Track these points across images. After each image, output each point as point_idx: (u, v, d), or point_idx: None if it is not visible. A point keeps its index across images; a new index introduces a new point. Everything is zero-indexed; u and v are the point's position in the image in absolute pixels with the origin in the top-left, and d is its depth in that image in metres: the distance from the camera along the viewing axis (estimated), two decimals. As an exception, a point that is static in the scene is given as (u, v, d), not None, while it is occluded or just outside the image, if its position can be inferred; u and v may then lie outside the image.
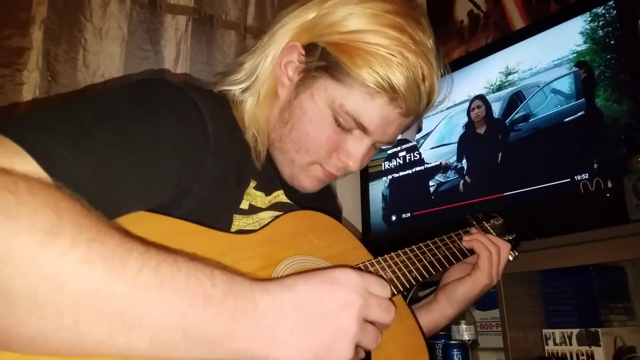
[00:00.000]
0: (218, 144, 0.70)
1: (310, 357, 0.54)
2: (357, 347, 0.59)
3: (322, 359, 0.54)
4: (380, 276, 0.79)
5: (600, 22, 1.38)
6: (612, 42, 1.36)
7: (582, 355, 1.27)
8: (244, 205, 0.76)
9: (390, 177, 1.89)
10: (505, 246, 0.99)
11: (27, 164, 0.49)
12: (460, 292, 0.96)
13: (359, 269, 0.78)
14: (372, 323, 0.61)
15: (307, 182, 0.85)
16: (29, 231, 0.42)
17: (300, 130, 0.79)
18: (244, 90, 0.82)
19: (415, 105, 0.79)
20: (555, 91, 1.45)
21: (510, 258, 1.06)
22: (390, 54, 0.74)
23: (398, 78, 0.74)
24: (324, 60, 0.77)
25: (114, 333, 0.45)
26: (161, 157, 0.62)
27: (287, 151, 0.82)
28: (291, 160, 0.83)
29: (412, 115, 0.81)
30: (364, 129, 0.79)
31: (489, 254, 0.96)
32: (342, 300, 0.56)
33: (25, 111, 0.58)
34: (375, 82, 0.74)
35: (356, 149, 0.81)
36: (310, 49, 0.78)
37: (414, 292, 1.07)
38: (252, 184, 0.78)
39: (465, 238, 1.00)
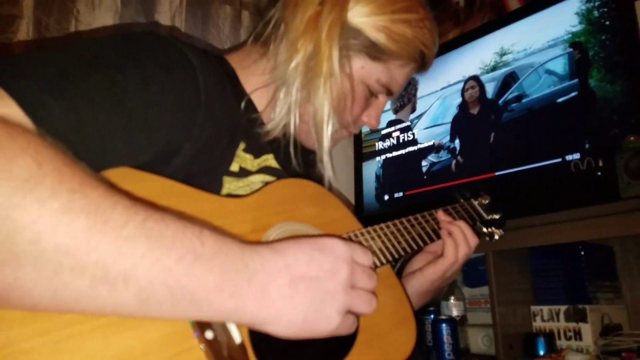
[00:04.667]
0: (209, 100, 0.68)
1: (299, 319, 0.54)
2: (352, 313, 0.60)
3: (310, 322, 0.55)
4: (369, 246, 0.80)
5: (596, 3, 1.38)
6: (607, 22, 1.35)
7: (570, 331, 1.29)
8: (234, 167, 0.75)
9: (383, 157, 1.89)
10: (462, 248, 0.95)
11: (7, 107, 0.47)
12: (411, 284, 0.94)
13: (348, 238, 0.79)
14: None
15: (331, 144, 0.85)
16: (5, 177, 0.40)
17: None
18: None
19: (431, 63, 0.89)
20: (549, 72, 1.45)
21: (497, 237, 1.06)
22: (417, 29, 0.81)
23: (427, 49, 0.84)
24: (357, 39, 0.78)
25: (97, 287, 0.44)
26: (150, 109, 0.60)
27: None
28: None
29: None
30: (390, 93, 0.87)
31: (455, 244, 0.93)
32: (329, 267, 0.57)
33: (6, 56, 0.55)
34: (410, 56, 0.83)
35: (379, 110, 0.90)
36: (344, 30, 0.78)
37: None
38: (242, 145, 0.76)
39: (445, 215, 0.97)
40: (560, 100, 1.40)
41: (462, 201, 1.07)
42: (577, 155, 1.32)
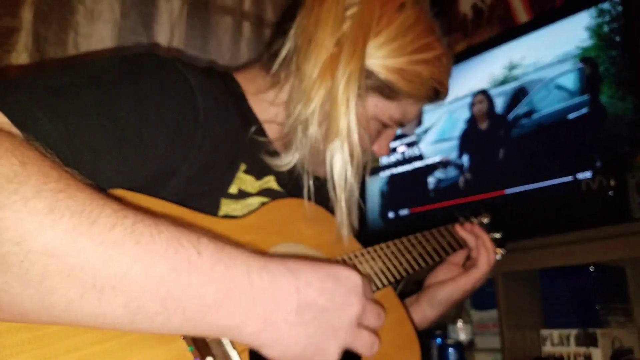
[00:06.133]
0: (208, 121, 0.66)
1: (298, 349, 0.51)
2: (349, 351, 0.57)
3: (308, 354, 0.52)
4: (370, 267, 0.79)
5: (606, 18, 1.36)
6: (618, 38, 1.33)
7: (580, 356, 1.25)
8: (233, 189, 0.73)
9: (388, 172, 1.86)
10: (492, 256, 0.98)
11: None
12: (441, 294, 0.94)
13: (348, 259, 0.78)
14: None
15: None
16: None
17: None
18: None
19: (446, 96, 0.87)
20: (559, 87, 1.42)
21: (498, 257, 1.04)
22: (433, 67, 0.79)
23: (442, 86, 0.82)
24: (370, 79, 0.76)
25: (85, 294, 0.42)
26: (145, 128, 0.58)
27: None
28: None
29: None
30: (402, 125, 0.86)
31: (487, 254, 0.95)
32: (340, 300, 0.54)
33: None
34: (424, 95, 0.81)
35: (389, 139, 0.88)
36: None
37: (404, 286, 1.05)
38: (242, 167, 0.75)
39: (465, 228, 0.99)
40: (571, 116, 1.38)
41: (461, 219, 1.06)
42: (588, 174, 1.29)
